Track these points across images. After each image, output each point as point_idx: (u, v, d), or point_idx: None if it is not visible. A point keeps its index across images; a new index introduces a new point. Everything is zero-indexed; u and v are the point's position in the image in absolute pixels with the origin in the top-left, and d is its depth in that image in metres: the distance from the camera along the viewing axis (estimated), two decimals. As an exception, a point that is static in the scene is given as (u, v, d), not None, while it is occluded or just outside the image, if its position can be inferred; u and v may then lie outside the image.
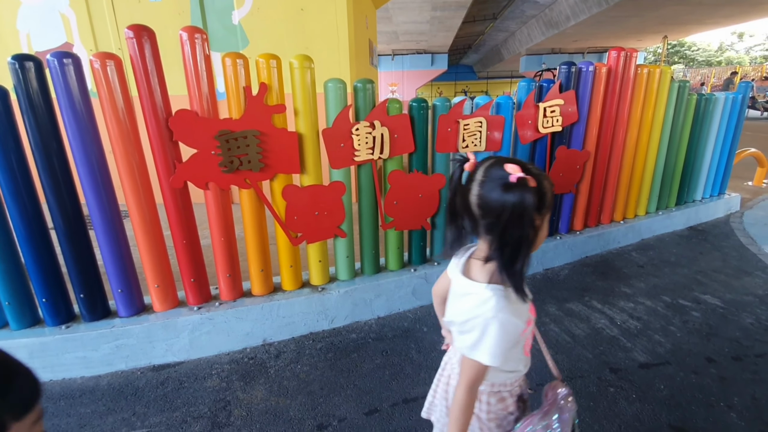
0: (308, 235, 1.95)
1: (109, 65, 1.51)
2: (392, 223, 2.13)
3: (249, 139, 1.70)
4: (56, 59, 1.46)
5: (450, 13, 16.11)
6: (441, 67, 29.15)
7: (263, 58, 1.70)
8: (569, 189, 2.68)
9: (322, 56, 3.85)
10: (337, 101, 1.85)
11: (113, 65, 1.52)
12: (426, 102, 2.06)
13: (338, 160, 1.89)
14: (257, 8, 3.76)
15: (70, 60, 1.48)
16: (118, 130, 1.57)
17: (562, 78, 2.44)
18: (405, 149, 2.02)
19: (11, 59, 1.44)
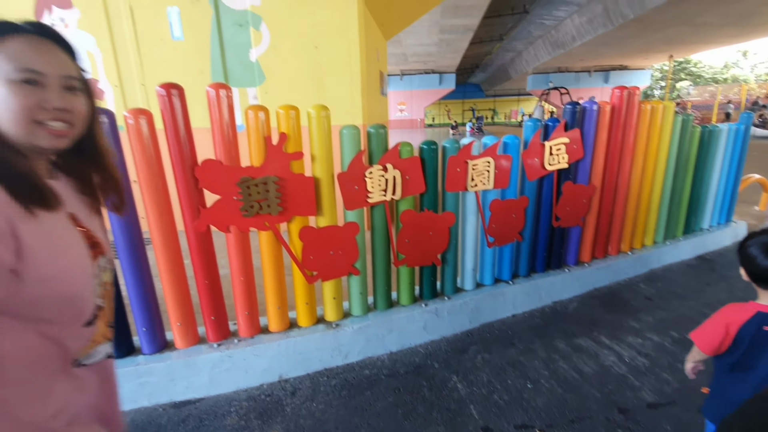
0: (323, 273, 2.03)
1: (141, 121, 1.63)
2: (404, 260, 2.20)
3: (269, 185, 1.80)
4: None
5: (457, 35, 16.46)
6: (449, 86, 29.58)
7: (283, 109, 1.81)
8: (576, 222, 2.74)
9: (335, 90, 4.01)
10: (352, 146, 1.95)
11: (145, 121, 1.64)
12: (436, 144, 2.16)
13: (352, 201, 1.98)
14: (274, 46, 3.94)
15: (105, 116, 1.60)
16: (149, 179, 1.69)
17: (567, 117, 2.53)
18: (416, 190, 2.11)
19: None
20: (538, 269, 2.73)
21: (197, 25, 3.99)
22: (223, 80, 4.09)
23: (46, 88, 0.65)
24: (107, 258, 0.81)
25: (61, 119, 0.67)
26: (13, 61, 0.63)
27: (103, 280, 0.79)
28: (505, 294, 2.52)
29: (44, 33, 0.67)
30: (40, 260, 0.63)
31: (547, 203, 2.59)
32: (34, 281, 0.62)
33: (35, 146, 0.67)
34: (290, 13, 3.87)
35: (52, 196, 0.67)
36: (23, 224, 0.61)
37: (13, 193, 0.62)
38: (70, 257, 0.68)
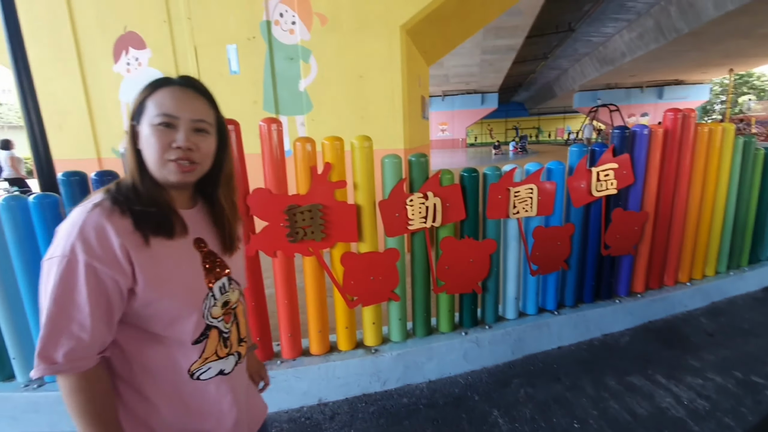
0: (364, 298, 2.07)
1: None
2: (444, 287, 2.20)
3: (313, 212, 1.89)
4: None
5: (500, 55, 16.43)
6: (491, 105, 29.36)
7: (329, 141, 1.90)
8: (627, 251, 2.61)
9: (378, 117, 4.13)
10: (393, 174, 2.00)
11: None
12: (477, 172, 2.17)
13: (393, 228, 2.02)
14: (321, 77, 4.15)
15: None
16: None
17: (616, 142, 2.45)
18: (457, 217, 2.12)
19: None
20: (586, 299, 2.61)
21: (252, 59, 4.30)
22: (274, 109, 4.34)
23: (177, 129, 0.76)
24: (233, 280, 0.90)
25: (186, 157, 0.77)
26: (157, 108, 0.75)
27: (225, 300, 0.88)
28: (550, 324, 2.43)
29: (187, 84, 0.80)
30: (149, 285, 0.74)
31: (595, 230, 2.49)
32: (144, 302, 0.74)
33: (167, 180, 0.78)
34: (337, 46, 4.08)
35: (172, 227, 0.79)
36: (139, 252, 0.73)
37: (137, 224, 0.74)
38: (178, 282, 0.78)
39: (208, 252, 0.86)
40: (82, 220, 0.71)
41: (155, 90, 0.77)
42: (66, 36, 4.65)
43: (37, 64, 4.84)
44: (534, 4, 10.91)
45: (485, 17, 6.05)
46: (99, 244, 0.70)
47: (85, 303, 0.69)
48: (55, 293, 0.68)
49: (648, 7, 13.77)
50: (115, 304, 0.72)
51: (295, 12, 4.12)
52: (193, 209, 0.87)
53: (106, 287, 0.70)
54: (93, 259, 0.69)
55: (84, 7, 4.56)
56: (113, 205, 0.74)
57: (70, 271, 0.68)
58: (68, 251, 0.69)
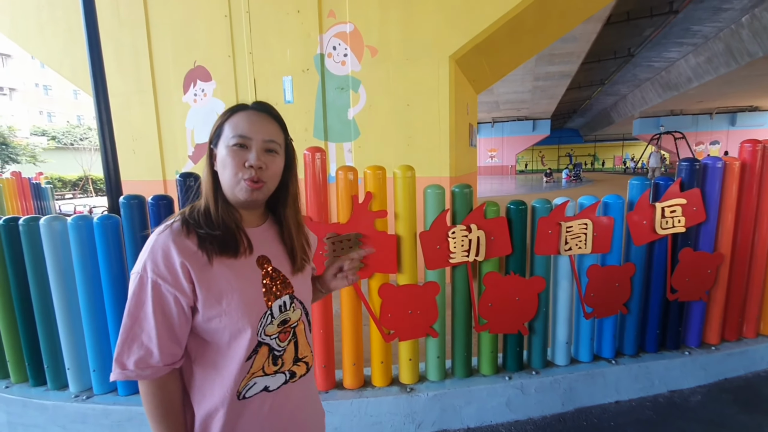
0: (401, 332, 1.99)
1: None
2: (486, 326, 2.07)
3: (353, 242, 1.87)
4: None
5: (553, 82, 16.06)
6: (543, 132, 28.66)
7: (371, 170, 1.90)
8: (698, 296, 2.33)
9: (424, 144, 4.13)
10: (436, 206, 1.95)
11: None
12: (525, 204, 2.05)
13: (434, 261, 1.95)
14: (369, 105, 4.25)
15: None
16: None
17: (684, 176, 2.23)
18: (502, 251, 2.00)
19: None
20: (649, 348, 2.35)
21: (305, 90, 4.50)
22: (324, 137, 4.48)
23: (250, 150, 0.81)
24: (297, 299, 0.93)
25: (257, 176, 0.82)
26: (232, 130, 0.82)
27: (284, 318, 0.89)
28: (607, 375, 2.19)
29: (261, 108, 0.86)
30: (207, 302, 0.79)
31: (660, 272, 2.26)
32: (205, 317, 0.80)
33: (238, 199, 0.83)
34: (386, 76, 4.17)
35: (237, 246, 0.83)
36: (200, 271, 0.78)
37: (201, 244, 0.79)
38: (235, 299, 0.81)
39: (271, 270, 0.89)
40: (154, 241, 0.78)
41: (232, 114, 0.83)
42: (145, 69, 5.15)
43: (120, 95, 5.40)
44: (590, 31, 10.63)
45: (537, 46, 5.95)
46: (164, 264, 0.76)
47: (151, 317, 0.76)
48: (130, 306, 0.76)
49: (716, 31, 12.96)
50: (178, 319, 0.78)
51: (347, 45, 4.28)
52: (261, 227, 0.91)
53: (169, 303, 0.77)
54: (158, 278, 0.76)
55: (161, 43, 5.05)
56: (181, 227, 0.80)
57: (141, 287, 0.76)
58: (141, 269, 0.77)
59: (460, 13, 3.81)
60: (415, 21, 3.98)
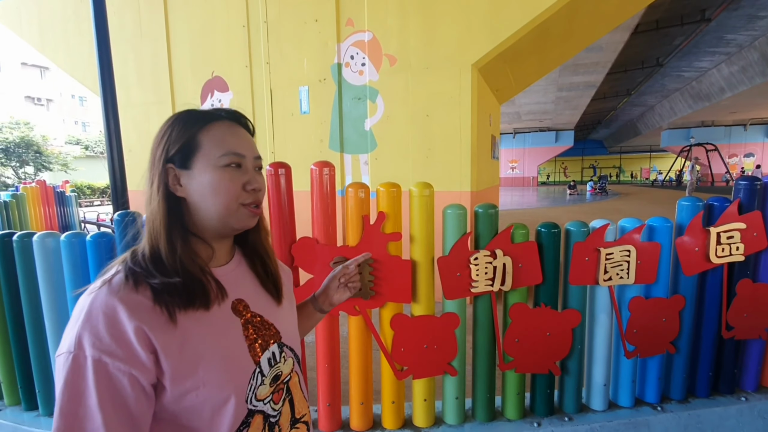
0: (415, 369, 1.77)
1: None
2: (512, 364, 1.83)
3: (362, 267, 1.67)
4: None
5: (577, 92, 15.68)
6: (566, 143, 28.07)
7: (384, 187, 1.71)
8: (758, 333, 2.03)
9: (444, 157, 3.93)
10: (456, 228, 1.74)
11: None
12: (558, 227, 1.82)
13: (453, 290, 1.74)
14: (387, 116, 4.09)
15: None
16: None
17: (742, 196, 1.96)
18: (531, 281, 1.77)
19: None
20: (700, 393, 2.05)
21: (322, 100, 4.38)
22: (339, 148, 4.34)
23: (245, 170, 0.68)
24: (285, 345, 0.75)
25: (258, 200, 0.70)
26: (221, 146, 0.66)
27: (276, 373, 0.72)
28: (652, 424, 1.91)
29: (237, 118, 0.71)
30: (178, 373, 0.58)
31: (713, 306, 1.97)
32: (176, 395, 0.58)
33: (233, 227, 0.68)
34: (405, 85, 4.01)
35: (206, 294, 0.64)
36: (163, 334, 0.58)
37: (157, 298, 0.59)
38: (216, 362, 0.62)
39: (251, 316, 0.71)
40: (89, 304, 0.56)
41: (207, 124, 0.67)
42: (164, 80, 5.16)
43: (140, 105, 5.42)
44: (617, 40, 10.30)
45: (563, 54, 5.71)
46: (109, 333, 0.55)
47: (97, 411, 0.53)
48: (61, 402, 0.53)
49: (751, 40, 12.40)
50: (137, 406, 0.56)
51: (365, 54, 4.15)
52: (229, 264, 0.73)
53: (122, 387, 0.55)
54: (102, 353, 0.54)
55: (180, 55, 5.05)
56: (126, 279, 0.59)
57: (76, 372, 0.54)
58: (73, 346, 0.55)
59: (483, 20, 3.63)
60: (436, 28, 3.81)
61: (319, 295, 1.05)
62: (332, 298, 1.03)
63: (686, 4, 10.35)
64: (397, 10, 3.91)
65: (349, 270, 1.06)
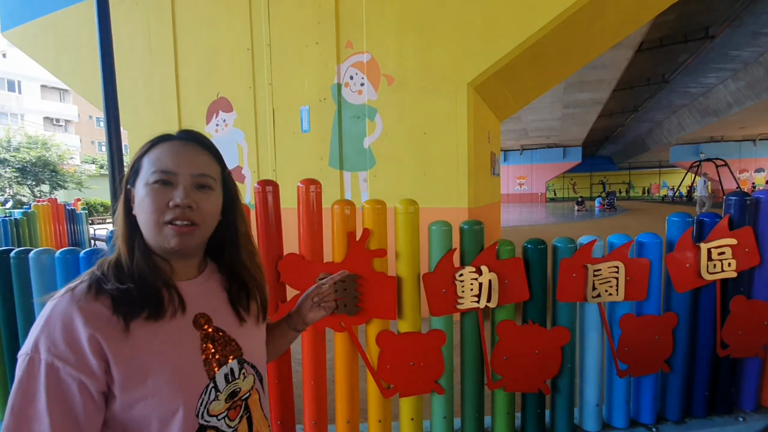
0: (401, 387, 1.76)
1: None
2: (501, 382, 1.81)
3: (347, 283, 1.68)
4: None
5: (584, 109, 15.73)
6: (574, 159, 28.00)
7: (369, 204, 1.73)
8: (754, 351, 1.98)
9: (441, 174, 3.97)
10: (441, 245, 1.75)
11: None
12: (544, 244, 1.82)
13: (439, 307, 1.74)
14: (385, 134, 4.15)
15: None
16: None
17: (733, 211, 1.94)
18: (518, 297, 1.77)
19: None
20: (696, 413, 2.00)
21: (322, 119, 4.47)
22: (339, 165, 4.40)
23: (176, 187, 0.67)
24: (247, 362, 0.75)
25: (184, 217, 0.67)
26: (152, 165, 0.67)
27: (232, 390, 0.72)
28: (647, 446, 1.86)
29: (188, 138, 0.72)
30: (127, 383, 0.60)
31: (707, 324, 1.94)
32: (124, 404, 0.60)
33: (165, 247, 0.68)
34: (402, 104, 4.08)
35: (160, 305, 0.66)
36: (115, 343, 0.60)
37: (116, 307, 0.61)
38: (165, 373, 0.63)
39: (212, 330, 0.71)
40: (50, 309, 0.60)
41: (152, 147, 0.69)
42: (172, 101, 5.32)
43: (148, 126, 5.57)
44: (621, 58, 10.37)
45: (562, 72, 5.77)
46: (64, 339, 0.58)
47: (45, 414, 0.55)
48: (13, 400, 0.56)
49: (756, 56, 12.39)
50: (86, 413, 0.58)
51: (364, 74, 4.25)
52: (197, 278, 0.74)
53: (71, 393, 0.57)
54: (55, 358, 0.57)
55: (188, 77, 5.21)
56: (89, 288, 0.62)
57: (30, 374, 0.57)
58: (31, 348, 0.58)
59: (478, 40, 3.70)
60: (433, 49, 3.90)
61: (294, 314, 1.03)
62: (305, 317, 1.00)
63: (689, 22, 10.42)
64: (394, 32, 4.02)
65: (322, 289, 1.02)
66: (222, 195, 0.75)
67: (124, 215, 0.69)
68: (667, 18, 9.71)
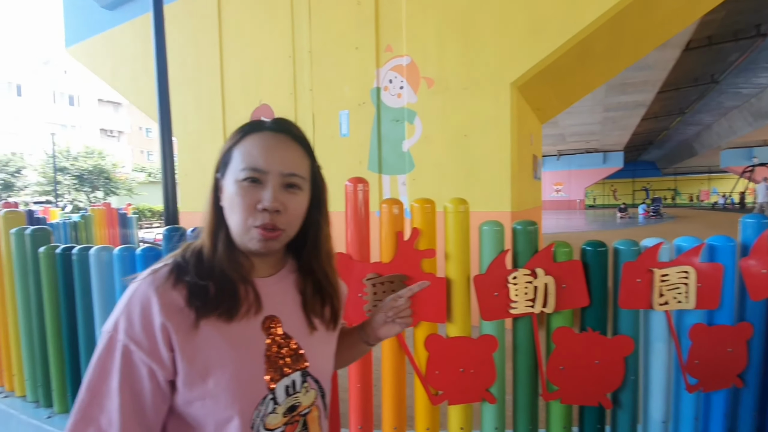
0: (450, 394, 1.69)
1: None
2: (557, 393, 1.70)
3: (396, 284, 1.65)
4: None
5: (626, 112, 15.06)
6: (615, 164, 26.83)
7: (418, 203, 1.70)
8: None
9: (483, 177, 3.88)
10: (493, 245, 1.68)
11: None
12: (605, 246, 1.71)
13: (491, 310, 1.66)
14: (425, 137, 4.12)
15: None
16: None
17: (819, 214, 1.76)
18: (576, 303, 1.66)
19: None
20: (779, 436, 1.80)
21: (361, 122, 4.50)
22: (378, 169, 4.40)
23: (265, 186, 0.64)
24: (311, 376, 0.71)
25: (270, 221, 0.64)
26: (243, 160, 0.64)
27: (292, 404, 0.67)
28: (722, 470, 1.69)
29: (280, 128, 0.69)
30: (188, 379, 0.59)
31: (790, 338, 1.75)
32: (185, 400, 0.59)
33: (248, 248, 0.66)
34: (443, 107, 4.04)
35: (236, 305, 0.63)
36: (183, 336, 0.59)
37: (190, 299, 0.60)
38: (225, 377, 0.60)
39: (279, 336, 0.67)
40: (133, 291, 0.60)
41: (244, 137, 0.67)
42: (217, 110, 5.54)
43: (195, 133, 5.82)
44: (667, 58, 9.85)
45: (608, 72, 5.53)
46: (140, 322, 0.58)
47: (116, 394, 0.57)
48: (90, 375, 0.57)
49: (816, 52, 11.43)
50: (152, 399, 0.58)
51: (404, 78, 4.24)
52: (274, 276, 0.71)
53: (141, 378, 0.58)
54: (130, 341, 0.58)
55: (233, 86, 5.41)
56: (169, 273, 0.62)
57: (108, 352, 0.58)
58: (112, 327, 0.59)
59: (523, 38, 3.61)
60: (475, 49, 3.84)
61: (366, 326, 0.92)
62: (378, 331, 0.90)
63: (739, 20, 9.78)
64: (435, 33, 3.99)
65: (398, 303, 0.87)
66: (310, 192, 0.72)
67: (212, 205, 0.68)
68: (715, 16, 9.15)
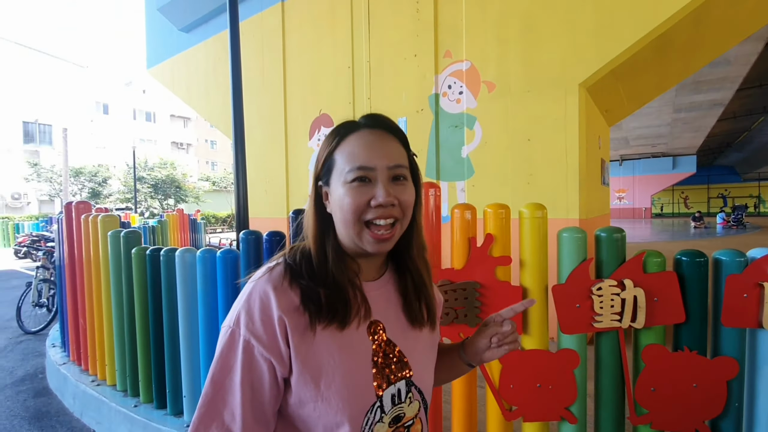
0: (525, 410, 1.60)
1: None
2: (647, 417, 1.55)
3: (468, 291, 1.60)
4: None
5: (700, 113, 13.82)
6: (687, 170, 24.66)
7: (491, 208, 1.64)
8: None
9: (547, 182, 3.70)
10: (574, 254, 1.58)
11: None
12: (704, 256, 1.55)
13: (571, 323, 1.56)
14: (485, 142, 4.02)
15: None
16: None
17: None
18: (670, 318, 1.51)
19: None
20: None
21: (419, 129, 4.49)
22: (435, 175, 4.36)
23: (375, 183, 0.63)
24: (415, 385, 0.69)
25: (387, 216, 0.63)
26: (348, 162, 0.63)
27: (397, 414, 0.66)
28: None
29: (375, 124, 0.67)
30: (302, 379, 0.59)
31: None
32: (297, 399, 0.60)
33: (360, 249, 0.65)
34: (504, 111, 3.92)
35: (347, 314, 0.63)
36: (299, 336, 0.60)
37: (303, 301, 0.61)
38: (336, 382, 0.60)
39: (384, 342, 0.66)
40: (252, 287, 0.62)
41: (342, 139, 0.65)
42: (279, 121, 5.80)
43: (259, 144, 6.14)
44: (748, 52, 8.91)
45: (686, 69, 5.10)
46: (260, 317, 0.59)
47: (238, 388, 0.58)
48: (215, 369, 0.59)
49: None
50: (270, 393, 0.59)
51: (463, 83, 4.19)
52: (379, 280, 0.70)
53: (261, 372, 0.59)
54: (251, 336, 0.59)
55: (294, 96, 5.64)
56: (284, 272, 0.63)
57: (230, 347, 0.60)
58: (233, 321, 0.60)
59: (592, 36, 3.42)
60: (538, 51, 3.70)
61: (467, 346, 0.85)
62: (482, 355, 0.83)
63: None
64: (495, 37, 3.90)
65: (504, 329, 0.77)
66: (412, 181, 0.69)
67: (315, 213, 0.67)
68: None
